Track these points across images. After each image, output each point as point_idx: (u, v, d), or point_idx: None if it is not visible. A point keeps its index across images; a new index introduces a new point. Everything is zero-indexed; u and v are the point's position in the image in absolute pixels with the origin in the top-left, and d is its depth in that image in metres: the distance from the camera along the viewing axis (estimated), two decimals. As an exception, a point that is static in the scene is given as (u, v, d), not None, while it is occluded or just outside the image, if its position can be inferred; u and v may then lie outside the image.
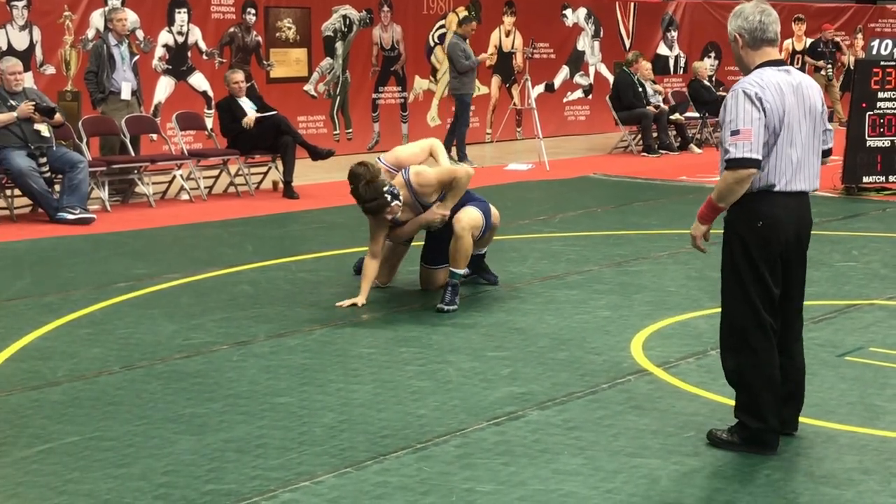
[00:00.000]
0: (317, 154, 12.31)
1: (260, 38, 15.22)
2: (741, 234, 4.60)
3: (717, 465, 4.56)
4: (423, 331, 6.58)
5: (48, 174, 10.46)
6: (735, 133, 4.45)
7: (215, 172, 12.37)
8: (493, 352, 6.18)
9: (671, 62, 20.83)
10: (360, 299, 7.08)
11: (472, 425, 4.97)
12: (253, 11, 15.12)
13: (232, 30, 14.95)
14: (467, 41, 14.86)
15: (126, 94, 11.74)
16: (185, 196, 11.84)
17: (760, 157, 4.45)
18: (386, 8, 16.68)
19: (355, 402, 5.30)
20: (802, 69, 18.12)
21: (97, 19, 13.29)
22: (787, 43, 20.42)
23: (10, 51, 12.62)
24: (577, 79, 19.51)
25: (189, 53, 14.52)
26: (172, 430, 4.91)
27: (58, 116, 10.64)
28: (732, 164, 4.46)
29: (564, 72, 19.27)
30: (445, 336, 6.48)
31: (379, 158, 7.60)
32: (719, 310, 4.79)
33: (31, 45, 13.01)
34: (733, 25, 4.70)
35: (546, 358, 6.04)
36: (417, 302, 7.31)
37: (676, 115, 16.79)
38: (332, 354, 6.11)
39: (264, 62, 15.27)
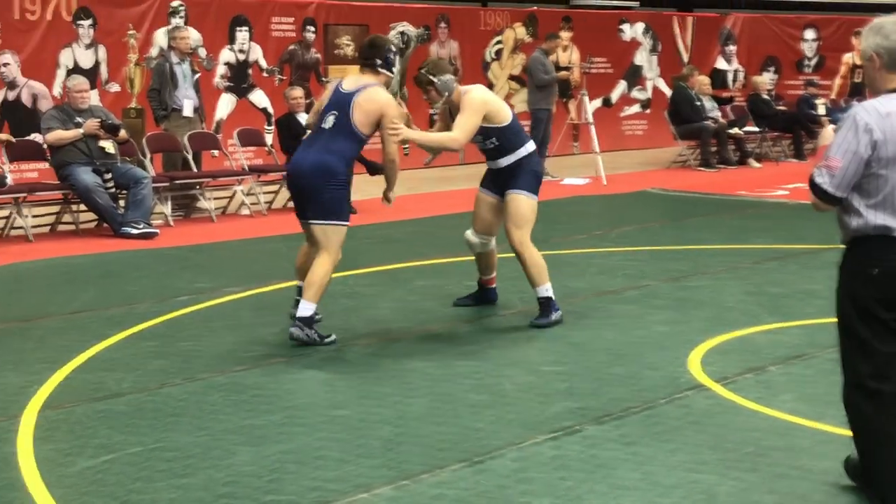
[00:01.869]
0: (374, 169, 12.36)
1: (319, 56, 15.37)
2: (853, 283, 4.11)
3: (776, 482, 4.54)
4: (480, 345, 6.61)
5: (113, 190, 10.64)
6: (827, 158, 4.05)
7: (275, 188, 12.50)
8: (550, 366, 6.19)
9: (730, 76, 20.71)
10: (409, 133, 6.74)
11: (528, 439, 4.99)
12: (312, 29, 15.29)
13: (291, 47, 15.11)
14: (549, 57, 14.86)
15: (188, 112, 11.91)
16: (245, 211, 11.98)
17: (841, 195, 4.04)
18: (443, 24, 16.77)
19: (412, 415, 5.34)
20: (862, 86, 17.97)
21: (161, 38, 13.51)
22: (847, 57, 20.24)
23: (77, 69, 12.86)
24: (635, 93, 19.47)
25: (250, 71, 14.70)
26: (233, 442, 4.98)
27: (122, 133, 10.83)
28: (812, 187, 4.10)
29: (622, 86, 19.24)
30: (502, 350, 6.50)
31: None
32: (778, 325, 4.76)
33: (97, 64, 13.25)
34: (870, 42, 4.08)
35: (603, 373, 6.05)
36: (474, 316, 7.34)
37: (735, 130, 16.70)
38: (389, 367, 6.16)
39: (323, 79, 15.41)
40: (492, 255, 7.40)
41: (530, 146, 7.12)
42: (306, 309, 6.50)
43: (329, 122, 6.66)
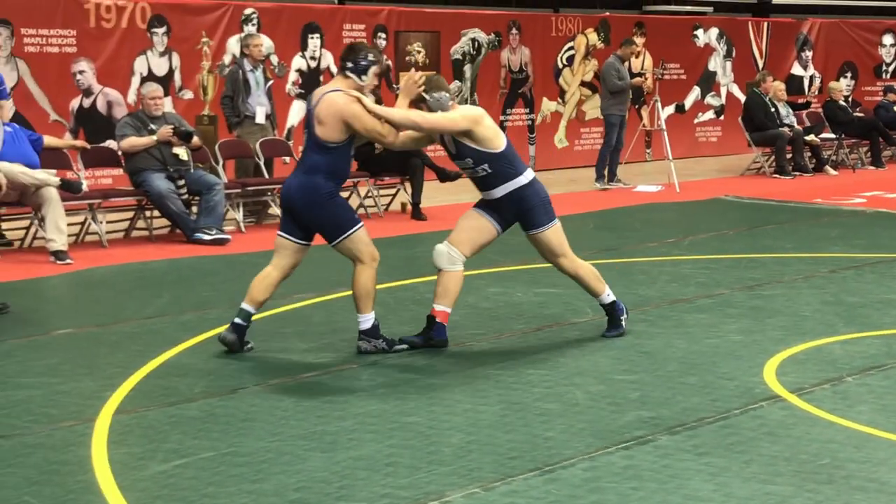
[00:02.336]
0: (445, 176, 12.39)
1: (390, 62, 15.41)
2: None
3: (852, 495, 4.45)
4: (551, 353, 6.57)
5: (186, 196, 10.75)
6: None
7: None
8: (622, 375, 6.13)
9: (806, 82, 20.44)
10: (373, 106, 6.48)
11: (600, 449, 4.94)
12: (383, 35, 15.34)
13: (363, 54, 15.15)
14: (625, 63, 14.78)
15: (260, 118, 12.01)
16: (316, 217, 12.02)
17: None
18: (515, 31, 16.74)
19: (483, 423, 5.31)
20: None
21: (233, 45, 13.63)
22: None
23: (151, 76, 13.02)
24: (709, 99, 19.28)
25: (321, 78, 14.78)
26: (304, 447, 4.99)
27: (195, 140, 10.94)
28: None
29: (695, 92, 19.07)
30: (573, 358, 6.46)
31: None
32: (855, 335, 4.68)
33: (171, 71, 13.40)
34: None
35: (676, 382, 5.98)
36: (545, 324, 7.30)
37: (811, 137, 16.47)
38: (459, 375, 6.14)
39: (394, 85, 15.45)
40: (455, 280, 6.67)
41: (528, 175, 6.64)
42: (366, 321, 6.52)
43: (305, 136, 6.68)
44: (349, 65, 6.55)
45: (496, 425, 5.28)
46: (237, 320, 6.57)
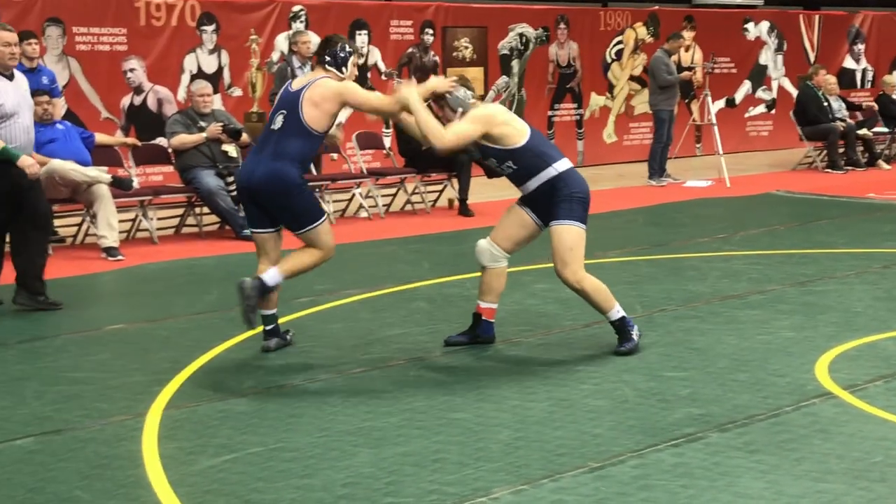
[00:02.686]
0: (492, 172, 12.35)
1: (437, 58, 15.42)
2: None
3: (908, 493, 4.39)
4: (599, 349, 6.53)
5: (235, 193, 10.80)
6: None
7: (393, 191, 12.57)
8: (671, 372, 6.09)
9: (858, 76, 20.20)
10: (411, 97, 6.27)
11: (649, 446, 4.91)
12: (431, 32, 15.34)
13: (410, 50, 15.19)
14: (672, 57, 14.68)
15: (309, 115, 12.02)
16: (363, 214, 12.07)
17: None
18: (563, 25, 16.68)
19: (531, 420, 5.29)
20: None
21: (282, 42, 13.69)
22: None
23: (200, 74, 13.12)
24: (760, 93, 19.11)
25: (369, 74, 14.81)
26: (351, 443, 5.00)
27: (244, 137, 11.00)
28: None
29: (746, 86, 18.91)
30: (621, 355, 6.41)
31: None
32: (910, 331, 4.61)
33: (220, 69, 13.49)
34: None
35: (726, 379, 5.92)
36: (593, 320, 7.26)
37: (864, 131, 16.27)
38: (507, 371, 6.13)
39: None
40: (498, 277, 6.59)
41: (560, 166, 6.34)
42: (272, 278, 6.32)
43: (278, 122, 6.39)
44: (328, 58, 6.47)
45: (544, 422, 5.26)
46: (266, 328, 6.58)
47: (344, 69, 6.48)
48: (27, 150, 7.68)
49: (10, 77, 7.66)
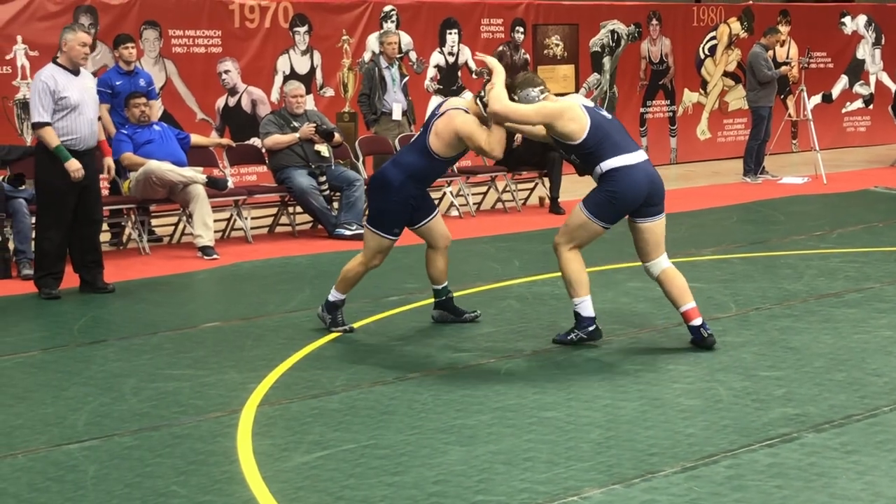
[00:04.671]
0: (583, 170, 12.30)
1: (528, 56, 15.38)
2: None
3: None
4: (693, 348, 6.46)
5: (327, 192, 10.91)
6: None
7: (483, 189, 12.58)
8: (766, 371, 6.00)
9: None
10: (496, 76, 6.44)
11: (743, 446, 4.84)
12: (521, 30, 15.31)
13: (501, 48, 15.17)
14: (768, 52, 14.49)
15: (397, 115, 12.10)
16: (454, 212, 12.09)
17: None
18: (655, 21, 16.53)
19: (622, 419, 5.26)
20: None
21: (373, 42, 13.78)
22: None
23: (293, 74, 13.26)
24: (857, 88, 18.74)
25: (459, 73, 14.84)
26: (443, 441, 5.01)
27: (337, 137, 11.09)
28: None
29: (843, 81, 18.55)
30: (715, 354, 6.34)
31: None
32: None
33: (312, 69, 13.62)
34: None
35: (823, 378, 5.82)
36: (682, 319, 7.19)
37: (966, 125, 15.87)
38: (598, 370, 6.09)
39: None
40: (663, 282, 6.46)
41: (610, 164, 6.29)
42: (332, 294, 7.03)
43: (415, 137, 6.90)
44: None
45: (636, 421, 5.22)
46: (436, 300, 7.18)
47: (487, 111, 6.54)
48: (89, 143, 8.29)
49: (77, 73, 8.20)
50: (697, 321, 6.44)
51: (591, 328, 6.52)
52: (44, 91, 8.00)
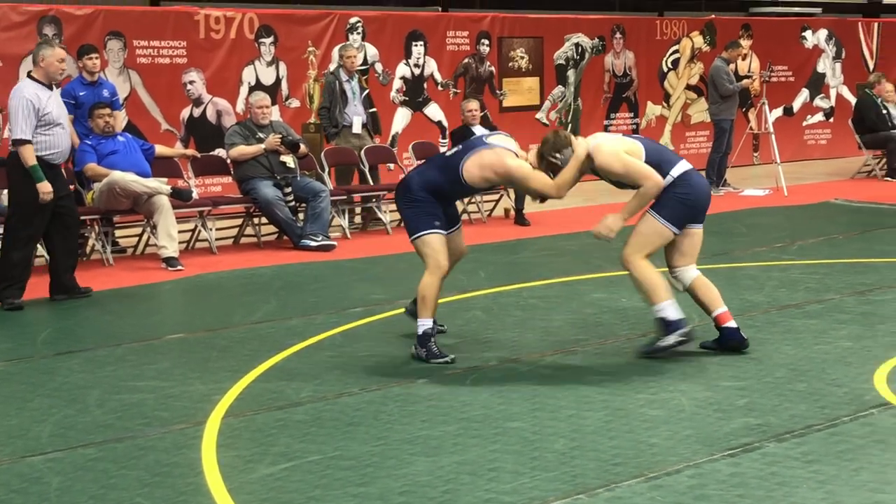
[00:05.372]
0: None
1: (493, 68, 15.45)
2: None
3: (969, 505, 4.34)
4: (656, 359, 6.51)
5: (292, 203, 10.91)
6: None
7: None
8: (728, 381, 6.06)
9: (918, 83, 19.92)
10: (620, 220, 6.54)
11: (705, 456, 4.89)
12: (486, 42, 15.38)
13: (466, 61, 15.24)
14: (730, 65, 14.63)
15: (357, 128, 12.11)
16: (420, 223, 12.09)
17: None
18: (619, 35, 16.65)
19: (586, 429, 5.30)
20: None
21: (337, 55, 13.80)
22: None
23: (259, 85, 13.26)
24: (818, 102, 18.94)
25: (425, 85, 14.88)
26: (408, 452, 5.03)
27: (302, 148, 11.10)
28: None
29: (804, 95, 18.75)
30: (678, 364, 6.40)
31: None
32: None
33: (278, 80, 13.62)
34: None
35: (784, 389, 5.89)
36: (650, 330, 7.24)
37: (924, 138, 16.06)
38: (563, 380, 6.13)
39: (497, 92, 15.48)
40: (695, 289, 6.62)
41: (678, 169, 6.47)
42: (419, 326, 6.61)
43: (450, 151, 6.84)
44: (551, 160, 6.57)
45: (600, 431, 5.26)
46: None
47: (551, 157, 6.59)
48: (66, 155, 8.55)
49: (51, 87, 8.33)
50: (732, 323, 6.58)
51: (684, 329, 6.44)
52: (28, 108, 8.07)
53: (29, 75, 8.31)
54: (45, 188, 8.13)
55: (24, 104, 8.08)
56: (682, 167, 6.52)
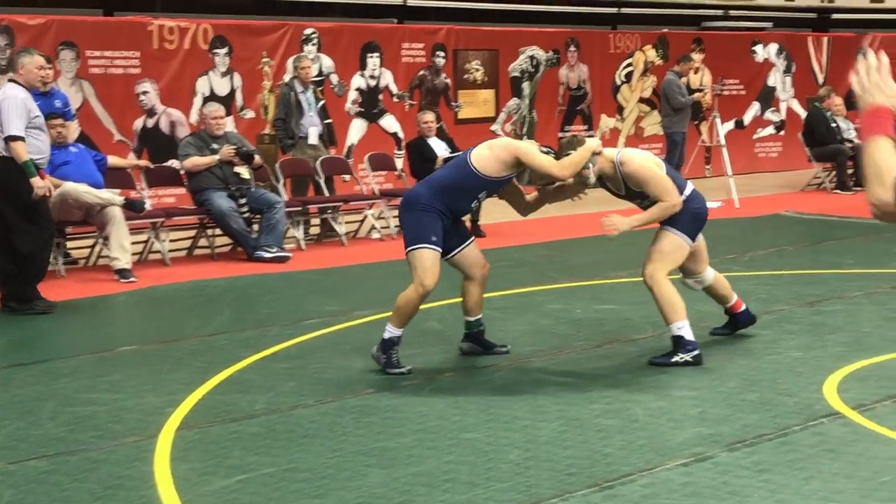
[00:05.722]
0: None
1: (449, 80, 15.50)
2: None
3: (916, 513, 4.41)
4: (610, 369, 6.57)
5: (247, 214, 10.88)
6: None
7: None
8: (681, 391, 6.11)
9: (867, 96, 20.21)
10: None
11: (659, 465, 4.93)
12: (442, 54, 15.42)
13: (422, 72, 15.27)
14: (683, 79, 14.76)
15: (313, 139, 12.12)
16: (375, 235, 12.12)
17: None
18: (573, 48, 16.76)
19: (541, 439, 5.32)
20: None
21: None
22: None
23: (213, 96, 13.21)
24: (768, 115, 19.16)
25: (380, 96, 14.90)
26: (364, 463, 5.03)
27: (257, 159, 11.07)
28: None
29: (755, 108, 18.96)
30: (632, 375, 6.45)
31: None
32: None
33: (232, 91, 13.59)
34: None
35: (736, 399, 5.95)
36: (604, 341, 7.29)
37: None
38: (518, 391, 6.16)
39: (453, 103, 15.53)
40: (715, 287, 7.18)
41: (688, 188, 6.91)
42: (387, 331, 6.56)
43: (453, 161, 6.95)
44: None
45: (555, 441, 5.29)
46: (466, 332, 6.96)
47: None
48: (47, 163, 8.70)
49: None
50: (744, 307, 7.23)
51: (697, 352, 6.63)
52: (21, 107, 8.23)
53: (11, 80, 8.46)
54: (38, 182, 8.23)
55: (17, 103, 8.22)
56: (690, 185, 6.97)
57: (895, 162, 2.72)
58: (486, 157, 6.53)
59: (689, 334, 6.64)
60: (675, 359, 6.62)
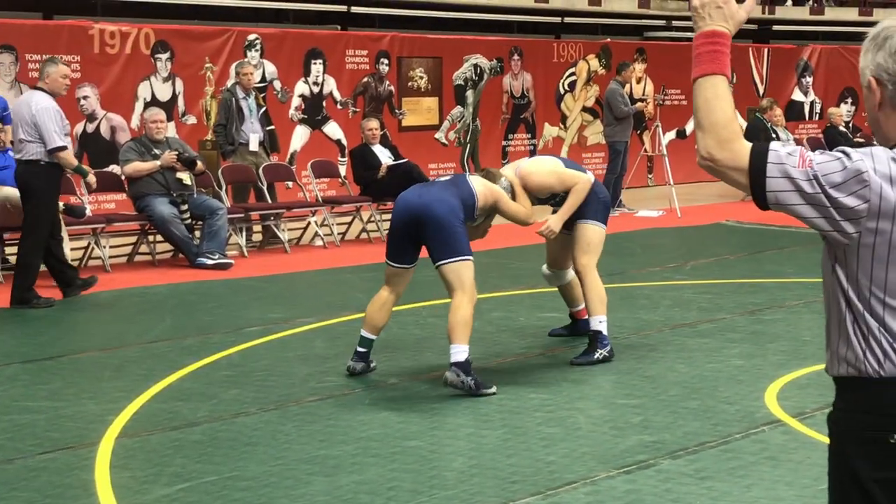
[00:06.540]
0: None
1: (392, 88, 15.49)
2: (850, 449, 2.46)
3: (855, 519, 4.45)
4: (553, 377, 6.59)
5: (189, 221, 10.79)
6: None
7: (348, 219, 12.59)
8: (624, 399, 6.15)
9: (806, 108, 20.51)
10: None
11: (601, 473, 4.95)
12: (386, 62, 15.41)
13: (365, 80, 15.24)
14: (625, 88, 14.86)
15: (254, 146, 12.05)
16: (319, 242, 12.07)
17: None
18: (517, 56, 16.82)
19: (485, 447, 5.32)
20: None
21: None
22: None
23: (154, 101, 13.07)
24: (709, 125, 19.32)
25: (324, 103, 14.85)
26: (306, 472, 5.00)
27: (199, 165, 10.98)
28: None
29: (696, 118, 19.13)
30: (575, 383, 6.47)
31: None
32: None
33: (174, 96, 13.47)
34: (869, 61, 2.44)
35: (677, 406, 5.99)
36: (548, 348, 7.32)
37: (812, 162, 16.49)
38: (461, 399, 6.15)
39: (396, 111, 15.52)
40: (571, 287, 7.34)
41: (590, 174, 7.10)
42: (459, 352, 6.19)
43: (439, 179, 7.01)
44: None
45: (498, 449, 5.29)
46: (360, 349, 6.63)
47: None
48: None
49: None
50: (586, 316, 7.14)
51: (610, 346, 6.91)
52: (56, 117, 8.73)
53: (38, 88, 8.84)
54: (92, 178, 9.44)
55: (52, 114, 8.68)
56: (591, 174, 7.12)
57: (732, 111, 2.45)
58: (483, 191, 6.66)
59: (605, 329, 6.91)
60: (596, 356, 6.82)
